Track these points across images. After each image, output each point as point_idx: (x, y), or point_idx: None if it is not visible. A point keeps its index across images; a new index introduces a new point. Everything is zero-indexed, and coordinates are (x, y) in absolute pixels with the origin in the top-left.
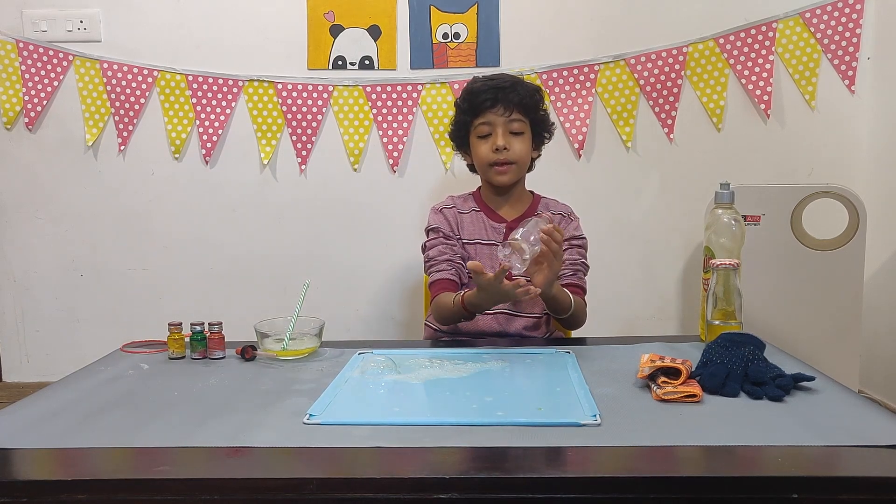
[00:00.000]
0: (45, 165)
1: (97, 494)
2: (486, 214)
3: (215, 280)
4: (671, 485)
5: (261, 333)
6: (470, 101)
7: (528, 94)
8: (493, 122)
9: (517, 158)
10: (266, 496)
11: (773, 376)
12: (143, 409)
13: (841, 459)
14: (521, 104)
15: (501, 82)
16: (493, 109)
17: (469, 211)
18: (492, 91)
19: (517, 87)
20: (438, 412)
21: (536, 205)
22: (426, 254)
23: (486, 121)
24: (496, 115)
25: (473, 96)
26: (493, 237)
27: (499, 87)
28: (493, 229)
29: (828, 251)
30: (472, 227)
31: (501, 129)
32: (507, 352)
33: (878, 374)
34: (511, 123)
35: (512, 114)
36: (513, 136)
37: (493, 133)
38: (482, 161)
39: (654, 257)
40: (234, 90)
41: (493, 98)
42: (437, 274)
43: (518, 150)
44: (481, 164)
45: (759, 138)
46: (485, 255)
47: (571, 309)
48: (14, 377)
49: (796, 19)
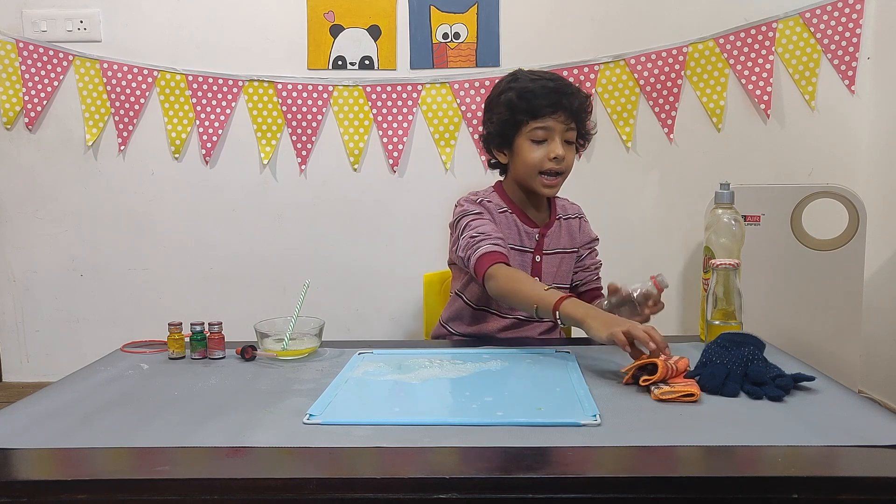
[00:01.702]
0: (45, 165)
1: (97, 494)
2: (518, 217)
3: (215, 280)
4: (671, 485)
5: (261, 333)
6: (529, 101)
7: (585, 101)
8: (552, 128)
9: (567, 168)
10: (266, 496)
11: (773, 376)
12: (143, 409)
13: (841, 459)
14: (579, 112)
15: (564, 86)
16: (555, 115)
17: (502, 210)
18: (555, 95)
19: (577, 93)
20: (438, 412)
21: (555, 207)
22: (473, 230)
23: (545, 125)
24: (557, 121)
25: (534, 97)
26: (526, 243)
27: (563, 91)
28: (526, 235)
29: (828, 251)
30: (505, 229)
31: (560, 136)
32: (507, 352)
33: (878, 374)
34: (567, 132)
35: (571, 122)
36: (566, 146)
37: (549, 139)
38: (532, 167)
39: (654, 257)
40: (234, 90)
41: (556, 103)
42: (492, 246)
43: (570, 160)
44: (530, 169)
45: (759, 138)
46: (516, 261)
47: None
48: (14, 377)
49: (796, 19)
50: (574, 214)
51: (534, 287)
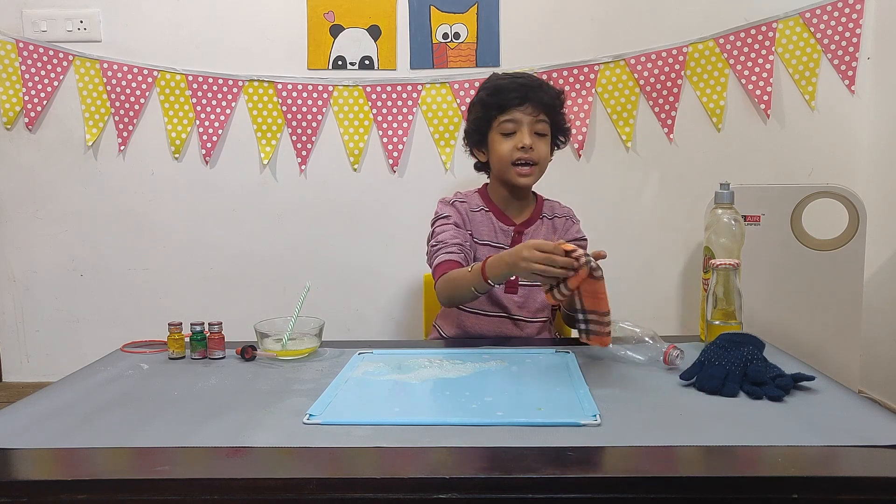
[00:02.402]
0: (45, 165)
1: (97, 494)
2: (494, 215)
3: (215, 280)
4: (671, 485)
5: (261, 333)
6: (497, 97)
7: (556, 95)
8: (519, 119)
9: (540, 160)
10: (266, 496)
11: (772, 376)
12: (143, 409)
13: (841, 459)
14: (548, 105)
15: (530, 80)
16: (521, 107)
17: (478, 209)
18: (521, 88)
19: (545, 87)
20: (438, 412)
21: (541, 207)
22: (434, 238)
23: (512, 118)
24: (524, 113)
25: (501, 92)
26: (501, 240)
27: (528, 85)
28: (502, 232)
29: (828, 251)
30: (481, 227)
31: (528, 127)
32: (507, 352)
33: (878, 374)
34: (537, 124)
35: (539, 114)
36: (537, 137)
37: (518, 131)
38: (503, 159)
39: (654, 257)
40: (234, 90)
41: (521, 96)
42: (446, 255)
43: (542, 151)
44: (502, 162)
45: (759, 138)
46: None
47: None
48: (14, 377)
49: (796, 19)
50: (562, 215)
51: (463, 274)
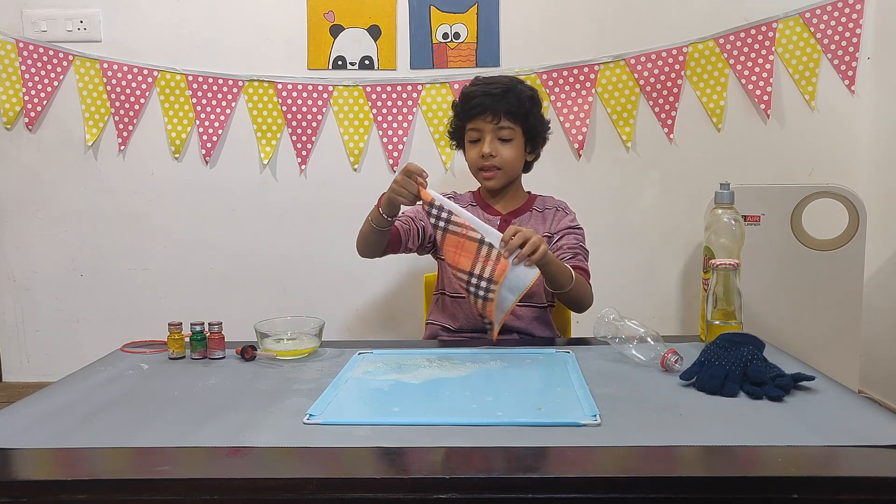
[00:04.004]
0: (45, 165)
1: (97, 494)
2: (481, 208)
3: (215, 280)
4: (671, 485)
5: (261, 333)
6: (462, 106)
7: (520, 101)
8: (481, 128)
9: (503, 164)
10: (266, 496)
11: (772, 376)
12: (143, 409)
13: (841, 459)
14: (510, 112)
15: (493, 89)
16: (483, 116)
17: (466, 205)
18: (482, 98)
19: (508, 94)
20: (438, 412)
21: (532, 202)
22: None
23: (476, 127)
24: (485, 122)
25: (466, 101)
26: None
27: (490, 93)
28: (488, 221)
29: (828, 251)
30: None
31: (490, 136)
32: (507, 352)
33: (878, 374)
34: (500, 130)
35: (500, 121)
36: (501, 143)
37: (481, 139)
38: (471, 165)
39: (654, 257)
40: (234, 90)
41: (482, 105)
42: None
43: (505, 156)
44: (471, 168)
45: (759, 138)
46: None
47: (573, 281)
48: (14, 377)
49: (796, 19)
50: (553, 206)
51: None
